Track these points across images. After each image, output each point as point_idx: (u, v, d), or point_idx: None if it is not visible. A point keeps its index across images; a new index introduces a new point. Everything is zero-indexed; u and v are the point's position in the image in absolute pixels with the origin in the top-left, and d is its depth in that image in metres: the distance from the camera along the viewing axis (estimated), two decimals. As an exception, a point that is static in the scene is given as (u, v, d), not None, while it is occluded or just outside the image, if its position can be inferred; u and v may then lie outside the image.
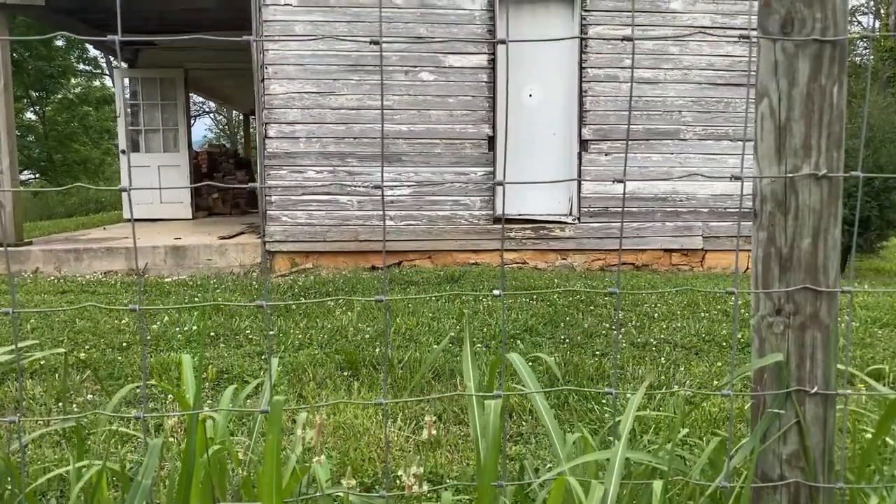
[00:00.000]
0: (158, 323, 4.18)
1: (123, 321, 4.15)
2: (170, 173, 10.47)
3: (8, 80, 6.84)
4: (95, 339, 3.76)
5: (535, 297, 5.15)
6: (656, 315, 4.59)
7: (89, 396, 2.91)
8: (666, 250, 7.32)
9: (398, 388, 3.03)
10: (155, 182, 10.39)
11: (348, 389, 3.01)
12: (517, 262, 7.24)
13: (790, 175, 1.06)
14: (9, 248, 6.81)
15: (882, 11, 24.00)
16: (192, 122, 25.44)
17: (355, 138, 7.08)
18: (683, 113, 7.18)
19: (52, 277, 6.12)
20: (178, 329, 3.96)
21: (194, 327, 4.01)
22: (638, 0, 7.06)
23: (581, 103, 7.14)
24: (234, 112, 28.21)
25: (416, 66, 7.04)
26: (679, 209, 7.27)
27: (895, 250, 8.14)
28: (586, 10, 7.03)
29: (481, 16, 6.99)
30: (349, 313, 4.74)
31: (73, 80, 25.06)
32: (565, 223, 7.24)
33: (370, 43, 1.27)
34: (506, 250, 7.24)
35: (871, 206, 6.48)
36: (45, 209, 21.19)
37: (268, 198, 7.08)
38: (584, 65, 7.10)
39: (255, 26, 6.93)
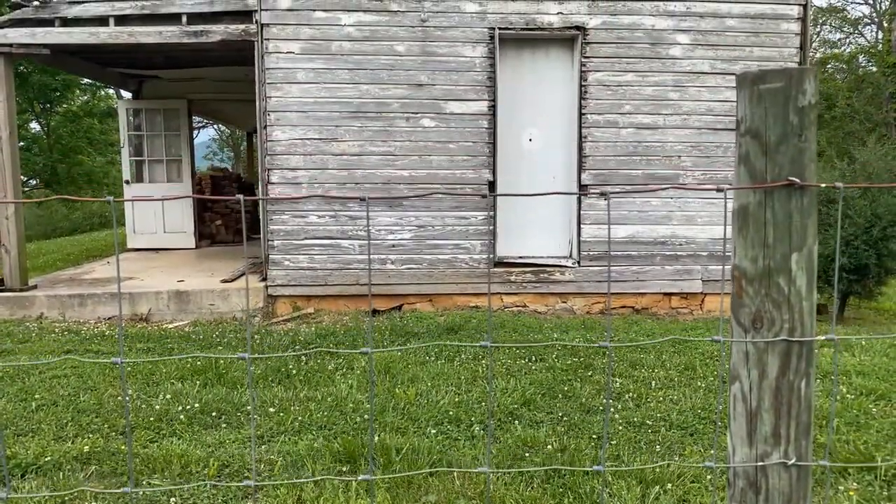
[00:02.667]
0: (161, 397, 4.24)
1: (127, 396, 4.21)
2: (173, 203, 10.54)
3: (13, 128, 6.92)
4: (99, 422, 3.83)
5: (533, 357, 5.20)
6: (653, 383, 4.63)
7: None
8: (665, 294, 7.36)
9: (396, 489, 3.09)
10: (158, 213, 10.47)
11: (346, 489, 3.07)
12: (517, 306, 7.29)
13: (760, 463, 1.11)
14: (13, 294, 6.89)
15: (885, 24, 23.99)
16: (196, 133, 25.59)
17: (357, 183, 7.14)
18: (683, 158, 7.23)
19: (57, 329, 6.19)
20: (180, 408, 4.02)
21: (196, 405, 4.07)
22: (637, 46, 7.11)
23: (581, 148, 7.19)
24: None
25: (417, 113, 7.10)
26: (678, 253, 7.31)
27: (894, 287, 8.18)
28: (586, 57, 7.09)
29: (482, 63, 7.05)
30: (349, 376, 4.80)
31: (77, 92, 25.18)
32: (565, 267, 7.29)
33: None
34: (506, 294, 7.29)
35: (869, 255, 6.52)
36: (49, 224, 21.31)
37: (270, 242, 7.15)
38: (583, 110, 7.15)
39: (258, 73, 6.99)
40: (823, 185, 1.10)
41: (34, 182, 25.39)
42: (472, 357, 5.26)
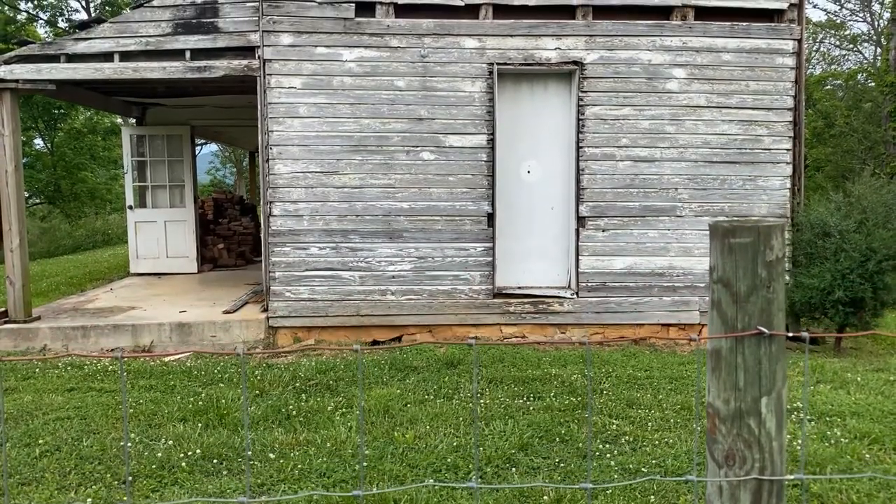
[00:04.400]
0: (163, 441, 4.30)
1: (129, 442, 4.27)
2: (176, 228, 10.64)
3: (18, 162, 7.02)
4: (102, 469, 3.88)
5: (531, 396, 5.25)
6: (650, 424, 4.68)
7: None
8: (664, 325, 7.42)
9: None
10: (161, 239, 10.56)
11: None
12: (516, 337, 7.35)
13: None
14: (17, 326, 6.97)
15: (884, 42, 24.13)
16: (199, 149, 25.76)
17: (358, 215, 7.22)
18: (679, 190, 7.31)
19: (60, 363, 6.26)
20: (182, 454, 4.08)
21: (198, 450, 4.13)
22: (634, 80, 7.21)
23: (578, 180, 7.27)
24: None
25: (417, 146, 7.19)
26: (676, 284, 7.38)
27: (890, 319, 8.22)
28: (583, 91, 7.18)
29: (481, 97, 7.15)
30: (348, 416, 4.86)
31: (80, 110, 25.37)
32: (564, 298, 7.35)
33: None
34: (505, 324, 7.35)
35: (865, 288, 6.58)
36: (52, 242, 21.41)
37: (271, 273, 7.22)
38: (581, 143, 7.24)
39: (260, 108, 7.09)
40: (790, 334, 1.17)
41: (37, 199, 25.54)
42: (471, 395, 5.32)
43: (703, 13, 7.22)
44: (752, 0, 7.20)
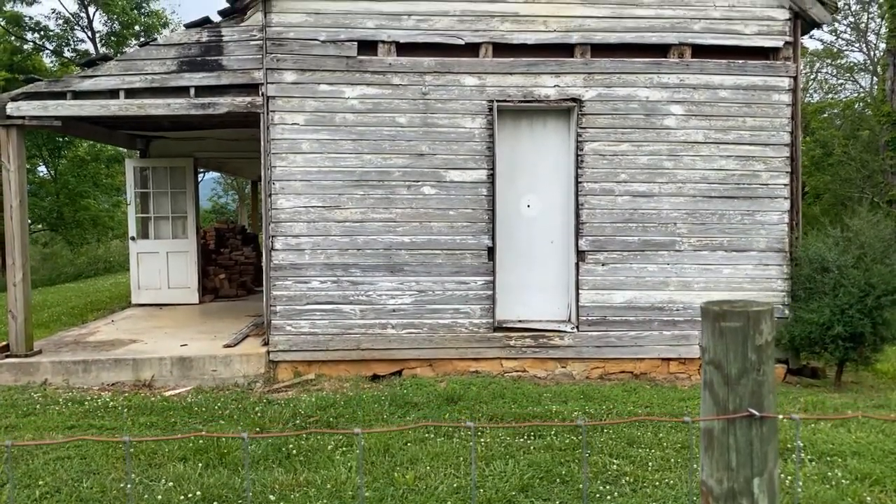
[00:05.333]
0: (163, 482, 4.30)
1: (129, 485, 4.27)
2: (178, 259, 10.69)
3: (23, 196, 7.09)
4: (102, 512, 3.89)
5: (532, 434, 5.25)
6: (651, 464, 4.68)
7: None
8: (664, 359, 7.43)
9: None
10: (163, 269, 10.61)
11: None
12: (517, 371, 7.35)
13: None
14: (18, 360, 6.98)
15: (880, 72, 24.38)
16: (202, 176, 25.89)
17: (359, 249, 7.27)
18: (678, 225, 7.37)
19: (61, 399, 6.26)
20: (182, 497, 4.07)
21: (198, 492, 4.12)
22: (632, 116, 7.30)
23: (578, 215, 7.33)
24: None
25: (418, 181, 7.26)
26: (676, 318, 7.40)
27: (891, 353, 8.22)
28: (582, 127, 7.27)
29: (481, 133, 7.24)
30: (349, 455, 4.85)
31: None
32: (564, 332, 7.37)
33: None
34: (505, 358, 7.36)
35: (864, 323, 6.59)
36: (54, 269, 21.49)
37: (272, 307, 7.25)
38: (580, 178, 7.31)
39: (264, 143, 7.18)
40: (781, 416, 1.20)
41: (40, 226, 25.63)
42: (471, 433, 5.31)
43: (700, 51, 7.34)
44: (747, 38, 7.32)
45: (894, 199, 18.85)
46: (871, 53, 25.19)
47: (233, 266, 12.38)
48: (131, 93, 7.10)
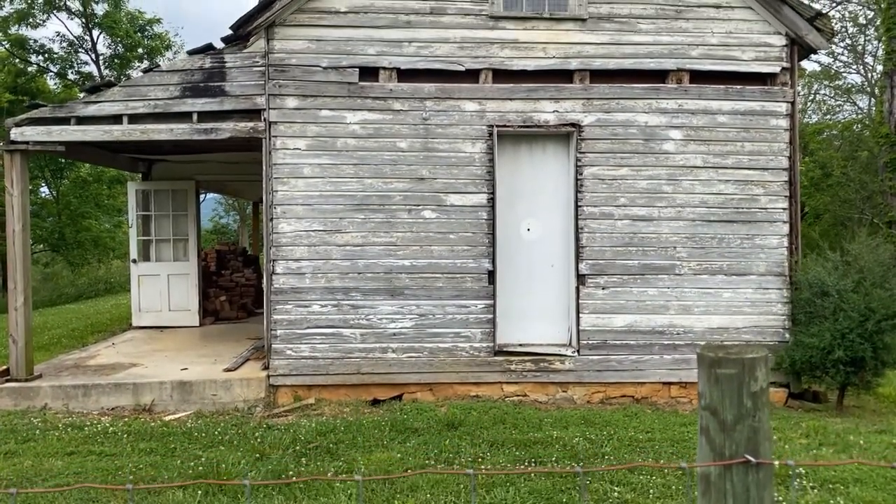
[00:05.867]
0: (163, 510, 4.28)
1: (129, 512, 4.26)
2: (179, 282, 10.71)
3: (26, 221, 7.13)
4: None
5: (533, 461, 5.23)
6: (652, 491, 4.66)
7: None
8: (665, 383, 7.41)
9: None
10: (164, 292, 10.62)
11: None
12: (518, 395, 7.33)
13: None
14: (18, 385, 6.97)
15: (878, 94, 24.54)
16: (203, 197, 26.00)
17: (359, 273, 7.29)
18: (678, 248, 7.39)
19: (60, 424, 6.24)
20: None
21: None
22: (631, 141, 7.36)
23: (578, 239, 7.36)
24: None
25: (418, 205, 7.30)
26: (676, 342, 7.39)
27: (893, 378, 8.19)
28: (581, 152, 7.33)
29: (481, 158, 7.29)
30: (349, 482, 4.83)
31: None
32: (565, 356, 7.36)
33: None
34: (506, 383, 7.35)
35: (865, 348, 6.59)
36: (55, 290, 21.49)
37: (273, 331, 7.25)
38: (579, 203, 7.35)
39: (265, 168, 7.23)
40: (777, 461, 1.22)
41: (41, 246, 25.70)
42: (472, 459, 5.30)
43: (698, 77, 7.41)
44: (745, 64, 7.40)
45: (894, 220, 18.89)
46: (869, 75, 25.39)
47: (234, 288, 12.40)
48: (135, 118, 7.16)
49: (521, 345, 7.47)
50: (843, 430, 6.20)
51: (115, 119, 7.16)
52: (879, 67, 24.00)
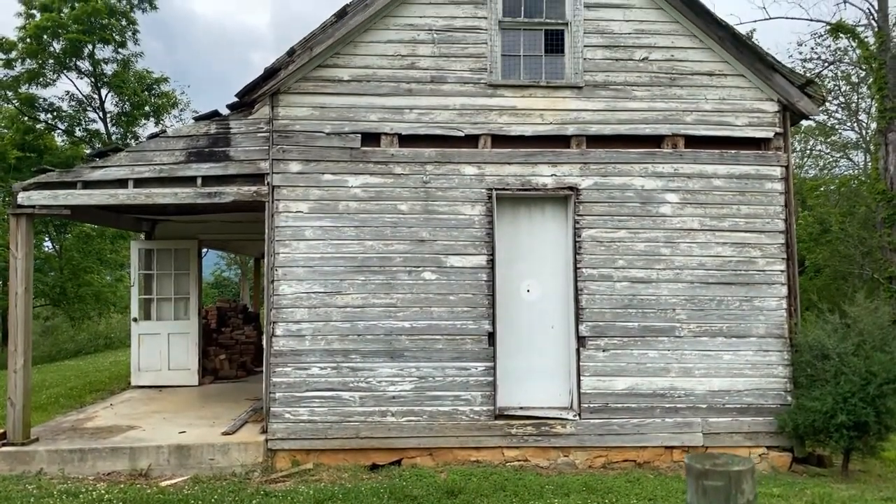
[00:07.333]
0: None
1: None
2: (179, 340, 10.70)
3: (29, 284, 7.18)
4: None
5: (533, 531, 5.14)
6: (654, 565, 4.57)
7: None
8: (667, 447, 7.32)
9: None
10: (164, 351, 10.60)
11: None
12: (518, 460, 7.24)
13: None
14: (14, 449, 6.91)
15: (873, 150, 24.89)
16: (205, 252, 26.19)
17: (359, 335, 7.30)
18: (677, 311, 7.41)
19: (55, 491, 6.16)
20: None
21: None
22: (628, 204, 7.46)
23: (577, 300, 7.39)
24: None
25: (418, 267, 7.36)
26: (678, 405, 7.34)
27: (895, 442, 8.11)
28: (579, 215, 7.42)
29: (480, 220, 7.38)
30: (347, 555, 4.74)
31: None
32: (566, 419, 7.30)
33: None
34: (507, 447, 7.26)
35: (868, 412, 6.54)
36: (54, 345, 21.43)
37: (272, 394, 7.22)
38: (578, 264, 7.40)
39: (268, 231, 7.32)
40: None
41: (42, 301, 25.71)
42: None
43: (693, 141, 7.56)
44: (739, 129, 7.56)
45: (894, 275, 18.91)
46: (863, 132, 25.81)
47: (233, 346, 12.36)
48: (140, 182, 7.29)
49: (521, 408, 7.42)
50: (849, 497, 6.10)
51: (121, 183, 7.29)
52: (873, 125, 24.42)
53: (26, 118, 23.38)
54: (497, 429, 7.24)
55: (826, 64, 22.57)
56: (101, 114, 25.07)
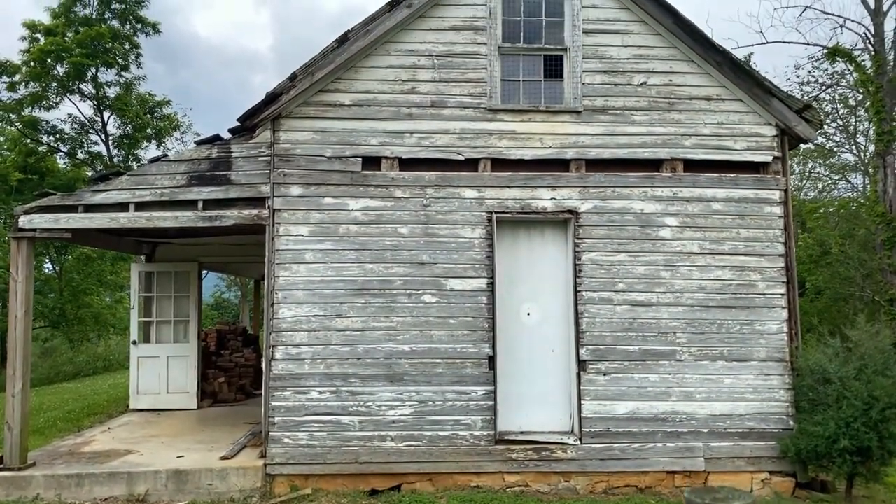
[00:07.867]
0: None
1: None
2: (178, 364, 10.66)
3: (29, 307, 7.17)
4: None
5: (534, 559, 5.08)
6: None
7: None
8: (669, 472, 7.26)
9: None
10: (163, 374, 10.56)
11: None
12: (519, 485, 7.17)
13: None
14: (11, 474, 6.85)
15: (872, 173, 24.97)
16: (205, 274, 26.19)
17: (359, 358, 7.27)
18: (678, 334, 7.39)
19: (52, 517, 6.11)
20: None
21: None
22: (627, 228, 7.47)
23: (577, 324, 7.37)
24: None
25: (419, 290, 7.36)
26: (679, 430, 7.29)
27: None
28: (579, 238, 7.43)
29: (480, 243, 7.39)
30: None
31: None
32: (567, 444, 7.24)
33: None
34: (507, 472, 7.20)
35: (871, 437, 6.49)
36: (53, 367, 21.30)
37: (271, 419, 7.17)
38: (578, 288, 7.40)
39: (268, 254, 7.33)
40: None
41: (41, 323, 25.64)
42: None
43: (692, 165, 7.60)
44: (737, 153, 7.60)
45: (895, 298, 18.87)
46: (862, 155, 25.92)
47: (232, 369, 12.30)
48: (141, 206, 7.32)
49: (522, 432, 7.37)
50: (853, 524, 6.04)
51: (122, 206, 7.31)
52: (872, 147, 24.54)
53: (29, 140, 23.49)
54: (497, 454, 7.19)
55: (824, 87, 22.75)
56: (103, 136, 25.19)
